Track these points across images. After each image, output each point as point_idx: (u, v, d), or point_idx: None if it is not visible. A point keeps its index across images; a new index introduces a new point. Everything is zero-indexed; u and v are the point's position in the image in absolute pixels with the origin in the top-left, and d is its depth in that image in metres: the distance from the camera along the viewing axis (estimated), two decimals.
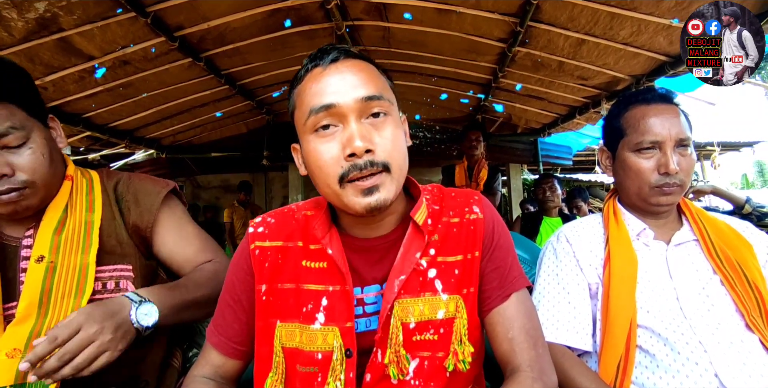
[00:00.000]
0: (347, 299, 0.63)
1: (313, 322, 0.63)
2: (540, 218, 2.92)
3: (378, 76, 0.63)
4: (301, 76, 0.63)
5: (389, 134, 0.60)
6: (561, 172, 8.36)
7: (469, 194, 0.72)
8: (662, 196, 0.84)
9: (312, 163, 0.61)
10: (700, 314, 0.77)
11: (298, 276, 0.66)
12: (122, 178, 0.91)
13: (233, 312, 0.70)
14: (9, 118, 0.74)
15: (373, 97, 0.59)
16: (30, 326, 0.74)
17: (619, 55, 2.47)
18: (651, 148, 0.85)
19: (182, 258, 0.91)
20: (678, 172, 0.83)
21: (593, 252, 0.89)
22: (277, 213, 0.73)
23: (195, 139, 4.37)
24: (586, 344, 0.82)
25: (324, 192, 0.62)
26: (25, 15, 1.77)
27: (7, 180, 0.74)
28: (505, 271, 0.68)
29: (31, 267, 0.76)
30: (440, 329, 0.63)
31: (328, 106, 0.58)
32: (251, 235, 0.70)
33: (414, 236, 0.65)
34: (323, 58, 0.62)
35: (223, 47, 2.59)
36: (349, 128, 0.58)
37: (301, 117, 0.62)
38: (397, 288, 0.62)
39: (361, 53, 0.65)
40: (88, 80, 2.44)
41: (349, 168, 0.58)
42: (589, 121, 3.76)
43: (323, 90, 0.59)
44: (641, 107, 0.87)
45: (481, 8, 2.28)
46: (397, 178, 0.61)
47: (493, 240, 0.68)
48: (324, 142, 0.59)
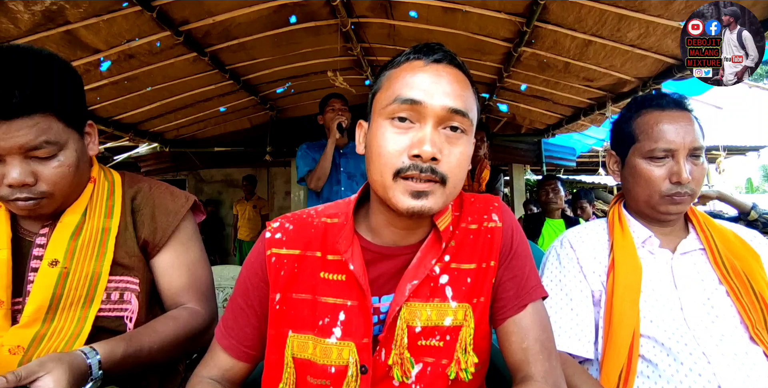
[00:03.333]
0: (365, 314, 0.62)
1: (329, 336, 0.62)
2: (542, 219, 2.91)
3: (471, 95, 0.62)
4: (400, 61, 0.63)
5: (458, 152, 0.59)
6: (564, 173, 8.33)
7: (488, 200, 0.71)
8: (672, 205, 0.83)
9: (374, 148, 0.60)
10: (704, 325, 0.77)
11: (315, 288, 0.65)
12: (142, 189, 0.89)
13: (246, 316, 0.68)
14: (45, 132, 0.70)
15: (459, 111, 0.58)
16: (35, 330, 0.73)
17: (626, 57, 2.45)
18: (664, 156, 0.83)
19: (166, 286, 0.87)
20: (690, 182, 0.81)
21: (597, 259, 0.88)
22: (295, 219, 0.71)
23: (198, 133, 4.37)
24: (588, 352, 0.82)
25: (373, 179, 0.61)
26: (32, 7, 1.76)
27: (28, 189, 0.72)
28: (522, 280, 0.67)
29: (44, 270, 0.75)
30: (446, 335, 0.63)
31: (414, 101, 0.58)
32: (268, 240, 0.68)
33: (433, 241, 0.65)
34: (428, 54, 0.61)
35: (228, 42, 2.58)
36: (424, 130, 0.58)
37: (382, 100, 0.61)
38: (408, 292, 0.62)
39: (464, 66, 0.64)
40: (93, 73, 2.43)
41: (410, 165, 0.57)
42: (594, 122, 3.74)
43: (416, 84, 0.58)
44: (655, 113, 0.85)
45: (487, 8, 2.26)
46: (448, 194, 0.60)
47: (512, 249, 0.67)
48: (395, 133, 0.58)
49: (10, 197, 0.72)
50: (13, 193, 0.72)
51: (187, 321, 0.83)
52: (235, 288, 0.71)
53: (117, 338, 0.75)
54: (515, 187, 5.18)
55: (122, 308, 0.81)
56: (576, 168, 7.83)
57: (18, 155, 0.69)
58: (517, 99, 3.68)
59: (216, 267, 1.46)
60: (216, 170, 6.06)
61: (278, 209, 6.05)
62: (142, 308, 0.83)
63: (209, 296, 0.91)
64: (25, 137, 0.68)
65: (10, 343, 0.72)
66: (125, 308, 0.81)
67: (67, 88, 0.75)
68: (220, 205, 6.21)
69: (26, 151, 0.70)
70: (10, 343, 0.72)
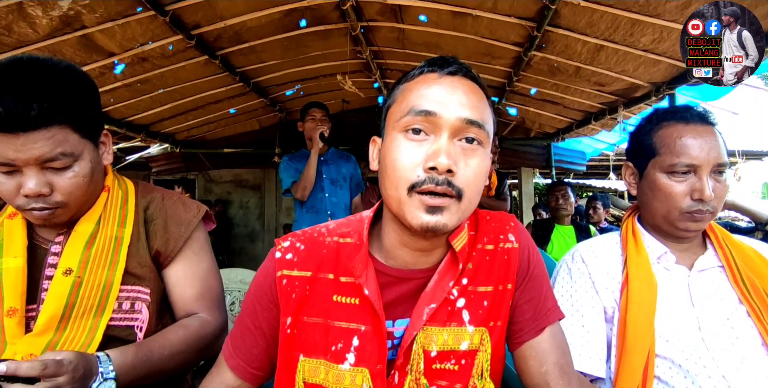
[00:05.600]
0: (380, 339, 0.60)
1: (342, 362, 0.60)
2: (552, 225, 2.88)
3: (486, 106, 0.61)
4: (414, 75, 0.61)
5: (475, 165, 0.57)
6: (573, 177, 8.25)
7: (504, 219, 0.69)
8: (692, 222, 0.80)
9: (389, 162, 0.58)
10: (724, 347, 0.74)
11: (328, 312, 0.62)
12: (155, 199, 0.89)
13: (253, 337, 0.67)
14: (61, 144, 0.71)
15: (475, 122, 0.57)
16: (48, 338, 0.74)
17: (639, 62, 2.42)
18: (686, 172, 0.79)
19: (178, 296, 0.87)
20: (712, 200, 0.78)
21: (610, 274, 0.86)
22: (306, 238, 0.67)
23: (209, 134, 4.41)
24: (600, 371, 0.79)
25: (388, 194, 0.59)
26: (50, 13, 1.79)
27: (43, 199, 0.72)
28: (539, 302, 0.65)
29: (58, 279, 0.76)
30: (462, 360, 0.61)
31: (429, 112, 0.56)
32: (278, 261, 0.65)
33: (450, 263, 0.62)
34: (443, 66, 0.60)
35: (239, 46, 2.60)
36: (439, 142, 0.56)
37: (396, 113, 0.60)
38: (426, 316, 0.60)
39: (479, 79, 0.62)
40: (107, 76, 2.46)
41: (425, 179, 0.55)
42: (605, 127, 3.69)
43: (431, 96, 0.57)
44: (678, 126, 0.81)
45: (497, 12, 2.24)
46: (463, 210, 0.57)
47: (528, 271, 0.65)
48: (410, 146, 0.57)
49: (26, 206, 0.73)
50: (29, 203, 0.72)
51: (197, 330, 0.83)
52: (243, 306, 0.69)
53: (127, 345, 0.76)
54: (524, 191, 5.13)
55: (133, 317, 0.81)
56: (586, 172, 7.75)
57: (34, 166, 0.70)
58: (527, 103, 3.65)
59: (224, 270, 1.46)
60: (226, 171, 6.11)
61: (285, 210, 6.08)
62: (153, 317, 0.83)
63: (220, 305, 0.91)
64: (41, 149, 0.69)
65: (23, 351, 0.72)
66: (136, 317, 0.82)
67: (84, 99, 0.75)
68: (229, 205, 6.25)
69: (42, 163, 0.70)
70: (24, 351, 0.72)
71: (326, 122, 2.39)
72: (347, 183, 2.45)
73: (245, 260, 5.89)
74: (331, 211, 2.33)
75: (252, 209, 6.23)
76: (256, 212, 6.20)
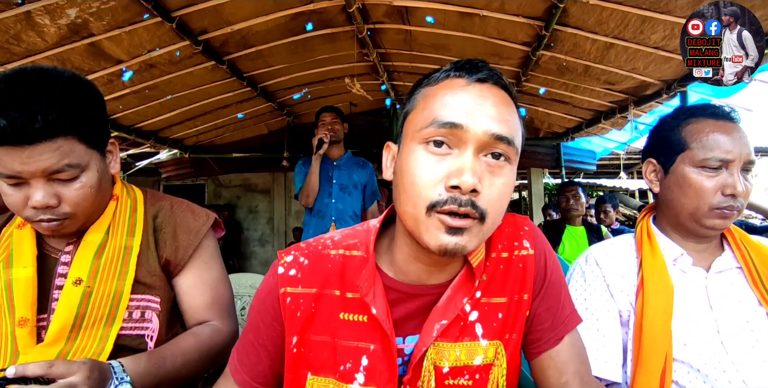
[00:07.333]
0: (390, 359, 0.57)
1: (352, 382, 0.58)
2: (563, 226, 2.84)
3: (517, 120, 0.56)
4: (438, 78, 0.56)
5: (501, 184, 0.52)
6: (584, 177, 8.15)
7: (518, 223, 0.65)
8: (720, 219, 0.78)
9: (406, 176, 0.53)
10: (744, 351, 0.72)
11: (335, 330, 0.59)
12: (164, 208, 0.88)
13: (257, 354, 0.64)
14: (68, 155, 0.70)
15: (504, 138, 0.52)
16: (59, 348, 0.74)
17: (650, 60, 2.38)
18: (718, 167, 0.78)
19: (188, 305, 0.87)
20: (743, 195, 0.76)
21: (625, 277, 0.84)
22: (310, 251, 0.63)
23: (217, 139, 4.45)
24: (615, 375, 0.77)
25: (404, 210, 0.54)
26: (57, 21, 1.82)
27: (51, 210, 0.72)
28: (557, 310, 0.63)
29: (68, 289, 0.76)
30: (476, 374, 0.59)
31: (454, 124, 0.51)
32: (281, 277, 0.61)
33: (466, 278, 0.59)
34: (471, 72, 0.54)
35: (246, 50, 2.62)
36: (464, 158, 0.51)
37: (417, 122, 0.54)
38: (436, 333, 0.57)
39: (510, 87, 0.57)
40: (116, 83, 2.50)
41: (448, 199, 0.50)
42: (615, 126, 3.64)
43: (457, 106, 0.52)
44: (709, 121, 0.80)
45: (505, 11, 2.22)
46: (485, 232, 0.53)
47: (546, 278, 0.63)
48: (431, 160, 0.52)
49: (35, 218, 0.73)
50: (37, 214, 0.72)
51: (209, 338, 0.83)
52: (248, 319, 0.67)
53: (140, 353, 0.76)
54: (533, 192, 5.09)
55: (143, 326, 0.81)
56: (596, 171, 7.66)
57: (41, 178, 0.70)
58: (536, 103, 3.62)
59: (234, 275, 1.47)
60: (234, 175, 6.16)
61: (295, 213, 6.10)
62: (163, 326, 0.83)
63: (230, 312, 0.91)
64: (47, 161, 0.68)
65: (34, 361, 0.72)
66: (146, 326, 0.81)
67: (90, 109, 0.74)
68: (238, 209, 6.30)
69: (49, 175, 0.70)
70: (35, 361, 0.72)
71: (336, 125, 2.38)
72: (358, 190, 2.41)
73: (255, 264, 5.92)
74: (336, 217, 2.31)
75: (261, 213, 6.26)
76: (265, 216, 6.23)
